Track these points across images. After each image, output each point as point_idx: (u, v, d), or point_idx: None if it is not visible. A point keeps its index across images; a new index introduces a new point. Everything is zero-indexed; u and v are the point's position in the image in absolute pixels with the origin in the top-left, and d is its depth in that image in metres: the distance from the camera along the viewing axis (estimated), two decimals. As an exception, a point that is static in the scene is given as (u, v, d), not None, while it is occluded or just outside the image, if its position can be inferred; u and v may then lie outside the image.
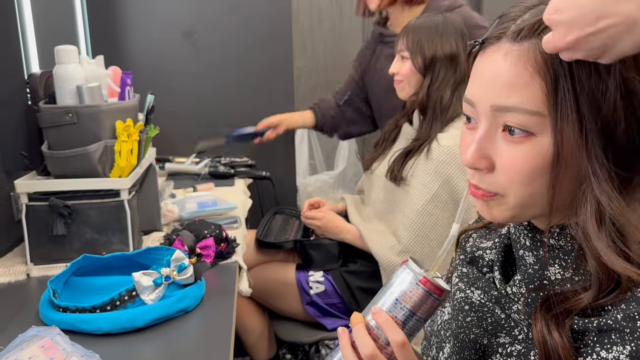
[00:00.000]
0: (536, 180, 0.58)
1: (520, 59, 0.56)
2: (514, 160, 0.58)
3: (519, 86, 0.56)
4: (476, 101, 0.61)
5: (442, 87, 1.57)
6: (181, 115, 2.20)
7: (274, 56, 2.23)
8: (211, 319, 0.97)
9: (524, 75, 0.56)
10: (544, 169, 0.57)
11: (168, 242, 1.19)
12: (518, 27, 0.57)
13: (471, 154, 0.60)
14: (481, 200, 0.63)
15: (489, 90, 0.59)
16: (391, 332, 0.60)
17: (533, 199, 0.59)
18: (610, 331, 0.54)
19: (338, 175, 2.74)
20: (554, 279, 0.62)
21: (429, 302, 0.61)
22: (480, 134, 0.60)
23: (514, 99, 0.56)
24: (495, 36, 0.59)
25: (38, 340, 0.78)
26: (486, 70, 0.60)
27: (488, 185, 0.61)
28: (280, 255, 1.79)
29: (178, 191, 1.80)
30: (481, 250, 0.76)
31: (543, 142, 0.57)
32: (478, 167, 0.61)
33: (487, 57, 0.60)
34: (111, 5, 2.09)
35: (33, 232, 1.14)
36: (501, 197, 0.61)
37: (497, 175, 0.60)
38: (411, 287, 0.61)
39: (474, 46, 0.62)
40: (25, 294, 1.07)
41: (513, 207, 0.61)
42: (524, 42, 0.57)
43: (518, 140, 0.57)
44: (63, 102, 1.13)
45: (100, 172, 1.14)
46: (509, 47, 0.57)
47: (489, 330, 0.68)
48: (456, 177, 1.55)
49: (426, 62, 1.57)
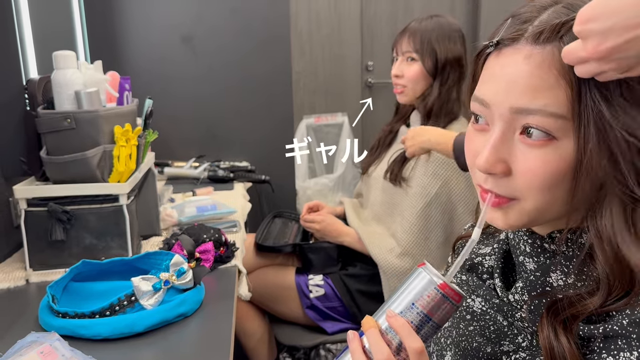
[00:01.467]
0: (556, 185, 0.56)
1: (544, 62, 0.55)
2: (534, 164, 0.56)
3: (544, 89, 0.54)
4: (492, 102, 0.58)
5: (451, 89, 1.58)
6: (180, 120, 2.20)
7: (273, 61, 2.24)
8: (211, 323, 0.97)
9: (549, 78, 0.54)
10: (565, 174, 0.55)
11: (167, 247, 1.19)
12: (538, 29, 0.56)
13: (486, 159, 0.58)
14: (495, 209, 0.60)
15: (508, 92, 0.57)
16: (408, 338, 0.57)
17: (551, 205, 0.58)
18: (616, 337, 0.53)
19: (337, 179, 2.74)
20: (556, 285, 0.61)
21: (446, 307, 0.58)
22: (495, 137, 0.58)
23: (539, 101, 0.54)
24: (511, 37, 0.58)
25: (37, 346, 0.78)
26: (504, 72, 0.57)
27: (504, 189, 0.59)
28: (279, 259, 1.78)
29: (177, 195, 1.80)
30: (480, 257, 0.75)
31: (565, 147, 0.55)
32: (493, 171, 0.58)
33: (506, 58, 0.58)
34: (109, 10, 2.10)
35: (32, 237, 1.14)
36: (517, 201, 0.59)
37: (515, 179, 0.58)
38: (429, 291, 0.58)
39: (487, 46, 0.60)
40: (24, 299, 1.07)
41: (530, 212, 0.59)
42: (546, 45, 0.55)
43: (538, 143, 0.55)
44: (61, 108, 1.13)
45: (99, 177, 1.14)
46: (530, 49, 0.56)
47: (491, 339, 0.67)
48: (455, 179, 1.55)
49: (438, 64, 1.57)
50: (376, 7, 3.22)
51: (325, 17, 3.11)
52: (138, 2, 2.11)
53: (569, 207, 0.57)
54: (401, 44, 1.64)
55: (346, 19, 3.14)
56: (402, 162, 1.61)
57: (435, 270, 0.59)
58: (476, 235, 0.60)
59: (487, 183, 0.60)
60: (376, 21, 3.24)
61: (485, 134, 0.60)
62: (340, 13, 3.13)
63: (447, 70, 1.58)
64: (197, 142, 2.23)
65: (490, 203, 0.60)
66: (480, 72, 0.62)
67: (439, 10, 3.22)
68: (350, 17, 3.15)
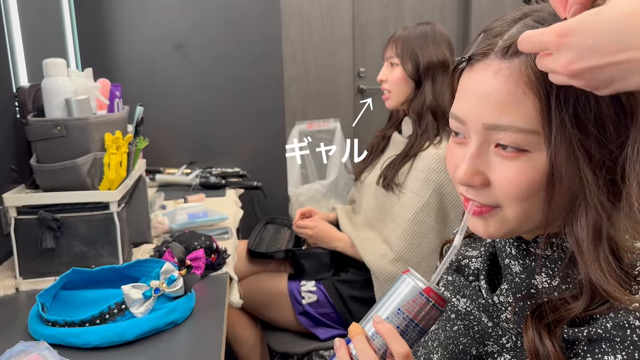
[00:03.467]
0: (533, 194, 0.57)
1: (512, 76, 0.55)
2: (510, 174, 0.57)
3: (512, 104, 0.55)
4: (466, 119, 0.60)
5: (442, 91, 1.59)
6: (172, 127, 2.20)
7: (265, 67, 2.24)
8: (201, 331, 0.96)
9: (517, 92, 0.55)
10: (540, 184, 0.56)
11: (158, 254, 1.19)
12: (506, 43, 0.56)
13: (464, 172, 0.59)
14: (476, 217, 0.62)
15: (480, 109, 0.58)
16: (394, 342, 0.58)
17: (530, 213, 0.59)
18: (600, 340, 0.54)
19: (330, 185, 2.74)
20: (541, 287, 0.62)
21: (431, 312, 0.60)
22: (472, 152, 0.59)
23: (508, 117, 0.55)
24: (482, 52, 0.58)
25: (26, 355, 0.77)
26: (476, 88, 0.58)
27: (486, 198, 0.60)
28: (272, 265, 1.78)
29: (169, 202, 1.79)
30: (467, 259, 0.76)
31: (537, 158, 0.56)
32: (472, 183, 0.60)
33: (476, 74, 0.59)
34: (100, 18, 2.10)
35: (22, 245, 1.13)
36: (499, 209, 0.60)
37: (494, 189, 0.59)
38: (414, 296, 0.59)
39: (460, 62, 0.62)
40: (13, 308, 1.06)
41: (510, 221, 0.60)
42: (514, 58, 0.56)
43: (511, 155, 0.57)
44: (52, 115, 1.13)
45: (89, 185, 1.14)
46: (499, 64, 0.56)
47: (476, 339, 0.68)
48: (447, 185, 1.55)
49: (420, 67, 1.59)
50: (368, 13, 3.24)
51: (317, 24, 3.12)
52: (129, 10, 2.11)
53: (547, 218, 0.58)
54: (386, 50, 1.66)
55: (338, 25, 3.15)
56: (396, 167, 1.61)
57: (419, 276, 0.61)
58: (457, 242, 0.62)
59: (468, 193, 0.62)
60: (368, 28, 3.26)
61: (464, 147, 0.62)
62: (332, 19, 3.14)
63: (433, 74, 1.59)
64: (189, 148, 2.23)
65: (472, 211, 0.62)
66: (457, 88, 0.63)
67: (429, 16, 3.25)
68: (342, 24, 3.16)
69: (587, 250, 0.55)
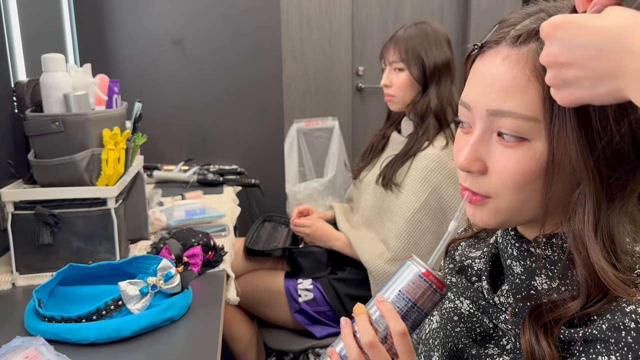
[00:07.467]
0: (529, 184, 0.58)
1: (519, 62, 0.57)
2: (507, 163, 0.58)
3: (516, 90, 0.56)
4: (472, 105, 0.61)
5: (446, 93, 1.59)
6: (170, 123, 2.19)
7: (263, 64, 2.24)
8: (198, 328, 0.96)
9: (522, 79, 0.56)
10: (537, 174, 0.57)
11: (155, 251, 1.19)
12: (517, 32, 0.58)
13: (464, 157, 0.61)
14: (472, 205, 0.64)
15: (486, 95, 0.59)
16: (393, 321, 0.61)
17: (524, 204, 0.60)
18: (595, 341, 0.54)
19: (327, 183, 2.74)
20: (541, 289, 0.62)
21: (432, 295, 0.62)
22: (475, 137, 0.61)
23: (510, 103, 0.57)
24: (495, 40, 0.60)
25: (22, 350, 0.77)
26: (484, 74, 0.60)
27: (480, 187, 0.61)
28: (269, 263, 1.78)
29: (166, 199, 1.79)
30: (470, 260, 0.77)
31: (537, 147, 0.57)
32: (471, 169, 0.61)
33: (486, 61, 0.60)
34: (99, 13, 2.09)
35: (19, 241, 1.13)
36: (492, 200, 0.61)
37: (490, 178, 0.60)
38: (414, 279, 0.63)
39: (473, 50, 0.62)
40: (10, 303, 1.06)
41: (504, 211, 0.61)
42: (522, 46, 0.57)
43: (511, 144, 0.58)
44: (50, 111, 1.13)
45: (87, 181, 1.13)
46: (508, 51, 0.58)
47: (477, 341, 0.68)
48: (445, 185, 1.56)
49: (427, 71, 1.59)
50: (367, 11, 3.24)
51: (316, 21, 3.12)
52: (128, 6, 2.10)
53: (544, 209, 0.59)
54: (388, 54, 1.65)
55: (337, 23, 3.15)
56: (395, 167, 1.62)
57: (421, 261, 0.64)
58: (452, 228, 0.65)
59: (466, 181, 0.63)
60: (367, 26, 3.25)
61: (469, 135, 0.63)
62: (332, 17, 3.14)
63: (439, 76, 1.60)
64: (187, 145, 2.23)
65: (468, 200, 0.63)
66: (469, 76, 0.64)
67: (429, 15, 3.25)
68: (341, 21, 3.16)
69: (588, 240, 0.56)
